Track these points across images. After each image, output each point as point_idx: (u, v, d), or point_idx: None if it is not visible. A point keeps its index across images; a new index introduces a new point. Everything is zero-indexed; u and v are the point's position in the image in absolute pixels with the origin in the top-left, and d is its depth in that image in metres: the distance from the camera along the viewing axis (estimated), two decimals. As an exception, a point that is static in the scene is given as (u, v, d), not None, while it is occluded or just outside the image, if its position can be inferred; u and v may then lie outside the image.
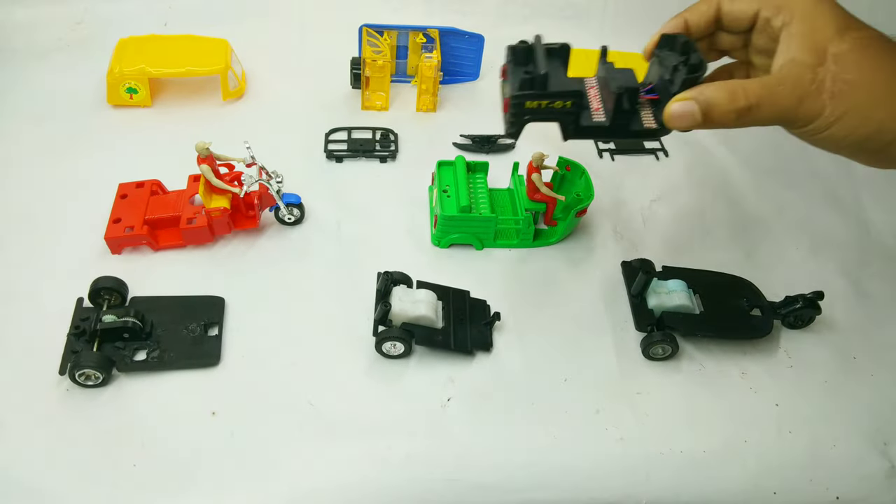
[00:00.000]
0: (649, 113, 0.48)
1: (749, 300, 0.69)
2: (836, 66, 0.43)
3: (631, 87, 0.46)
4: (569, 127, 0.48)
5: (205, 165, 0.68)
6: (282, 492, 0.55)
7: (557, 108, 0.47)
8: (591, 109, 0.49)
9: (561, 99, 0.46)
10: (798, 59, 0.44)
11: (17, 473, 0.55)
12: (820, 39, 0.44)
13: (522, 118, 0.47)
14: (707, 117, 0.44)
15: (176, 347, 0.63)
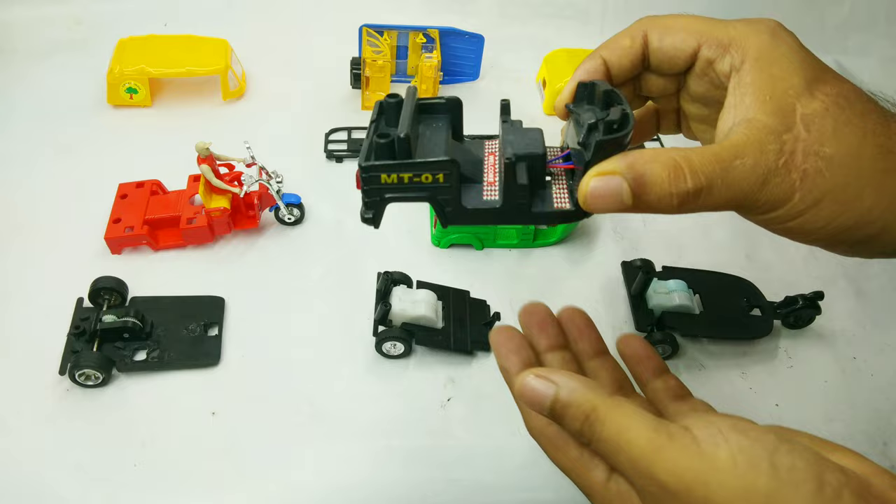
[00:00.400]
0: (563, 188, 0.35)
1: (749, 300, 0.69)
2: (807, 133, 0.31)
3: (532, 153, 0.33)
4: (446, 209, 0.34)
5: (205, 165, 0.68)
6: (281, 492, 0.55)
7: (427, 184, 0.33)
8: (484, 184, 0.35)
9: (429, 171, 0.33)
10: (757, 121, 0.31)
11: (17, 473, 0.55)
12: (783, 94, 0.32)
13: (380, 198, 0.34)
14: (639, 199, 0.30)
15: (176, 347, 0.63)
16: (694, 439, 0.27)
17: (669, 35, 0.36)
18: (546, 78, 0.93)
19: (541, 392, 0.31)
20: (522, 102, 0.94)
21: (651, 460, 0.28)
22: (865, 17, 1.07)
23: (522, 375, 0.32)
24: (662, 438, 0.28)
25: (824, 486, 0.26)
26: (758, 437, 0.27)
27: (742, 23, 0.35)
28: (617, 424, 0.29)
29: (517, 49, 0.99)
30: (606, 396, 0.30)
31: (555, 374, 0.31)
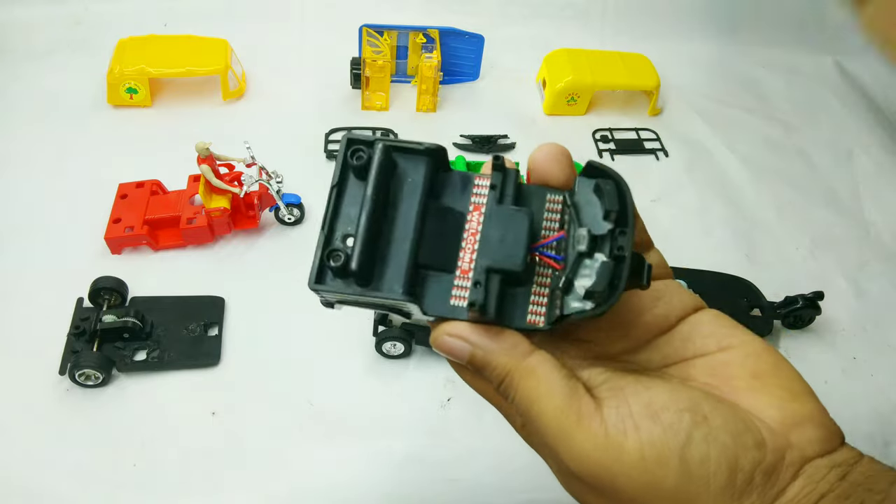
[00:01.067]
0: (543, 290, 0.29)
1: (749, 300, 0.69)
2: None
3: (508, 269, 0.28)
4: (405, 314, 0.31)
5: (205, 165, 0.68)
6: (281, 492, 0.55)
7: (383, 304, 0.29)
8: (457, 273, 0.29)
9: (387, 303, 0.29)
10: None
11: (17, 473, 0.55)
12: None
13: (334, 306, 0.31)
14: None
15: (176, 347, 0.63)
16: (603, 424, 0.26)
17: None
18: (546, 78, 0.93)
19: (457, 352, 0.29)
20: (523, 102, 0.94)
21: (557, 441, 0.26)
22: (865, 17, 1.07)
23: (438, 331, 0.29)
24: (570, 420, 0.26)
25: (736, 474, 0.25)
26: (671, 423, 0.25)
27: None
28: (528, 393, 0.27)
29: (517, 49, 0.99)
30: (521, 359, 0.28)
31: (470, 332, 0.28)
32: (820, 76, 1.06)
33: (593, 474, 0.25)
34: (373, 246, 0.29)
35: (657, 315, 0.31)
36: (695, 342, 0.30)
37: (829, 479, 0.26)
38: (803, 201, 0.84)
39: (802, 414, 0.27)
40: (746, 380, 0.28)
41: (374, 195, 0.29)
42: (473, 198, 0.31)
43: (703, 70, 1.04)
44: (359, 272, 0.28)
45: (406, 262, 0.29)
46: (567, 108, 0.92)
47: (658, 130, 0.92)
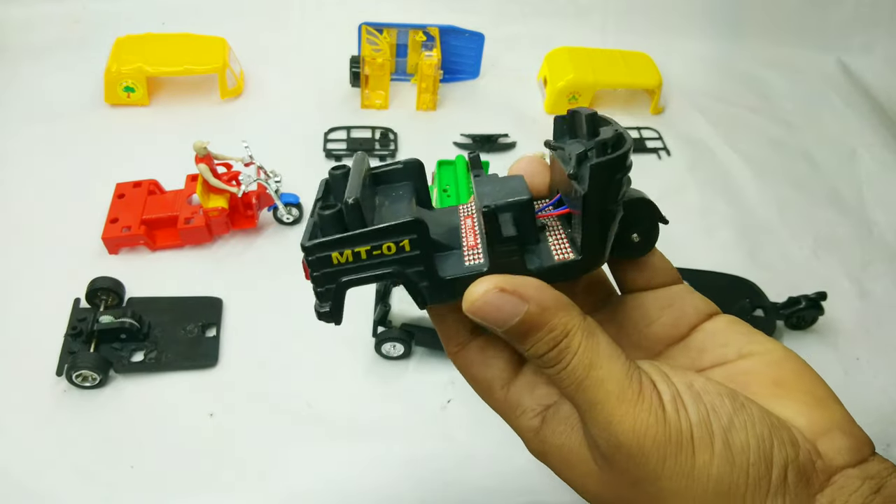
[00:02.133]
0: (561, 237, 0.28)
1: (751, 301, 0.68)
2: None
3: (515, 200, 0.26)
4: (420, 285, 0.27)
5: (203, 165, 0.67)
6: (279, 493, 0.55)
7: (391, 256, 0.26)
8: (464, 248, 0.28)
9: (390, 239, 0.25)
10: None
11: (15, 474, 0.54)
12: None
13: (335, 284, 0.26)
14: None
15: (173, 348, 0.62)
16: (661, 402, 0.24)
17: None
18: (547, 76, 0.92)
19: (507, 309, 0.25)
20: (523, 101, 0.93)
21: (614, 412, 0.24)
22: (869, 15, 1.07)
23: (484, 285, 0.25)
24: (633, 391, 0.24)
25: (771, 468, 0.24)
26: (713, 405, 0.24)
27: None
28: (589, 358, 0.25)
29: (518, 47, 0.99)
30: (582, 320, 0.25)
31: (527, 287, 0.25)
32: (823, 75, 1.06)
33: (645, 453, 0.24)
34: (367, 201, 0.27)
35: (668, 324, 0.29)
36: (712, 351, 0.28)
37: (862, 491, 0.24)
38: (806, 201, 0.84)
39: (830, 422, 0.26)
40: (769, 387, 0.27)
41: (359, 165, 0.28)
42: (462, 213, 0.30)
43: (706, 69, 1.04)
44: (355, 207, 0.25)
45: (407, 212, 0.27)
46: (568, 106, 0.91)
47: (660, 129, 0.91)
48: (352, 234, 0.25)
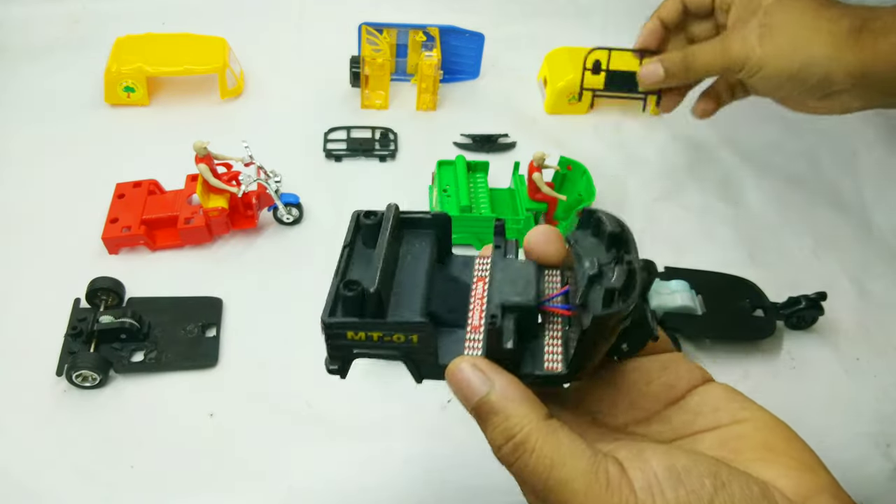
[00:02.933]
0: (557, 340, 0.30)
1: (752, 301, 0.68)
2: (764, 16, 0.53)
3: (521, 304, 0.28)
4: (420, 367, 0.30)
5: (203, 165, 0.67)
6: (280, 493, 0.55)
7: (399, 344, 0.29)
8: (468, 328, 0.30)
9: (401, 332, 0.28)
10: (737, 18, 0.56)
11: (15, 474, 0.54)
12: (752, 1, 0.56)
13: (347, 353, 0.31)
14: (667, 72, 0.59)
15: (173, 348, 0.62)
16: (631, 490, 0.25)
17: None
18: (547, 76, 0.92)
19: (474, 387, 0.27)
20: (523, 101, 0.93)
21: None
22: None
23: (459, 360, 0.28)
24: (600, 485, 0.25)
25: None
26: (693, 488, 0.24)
27: None
28: (550, 457, 0.25)
29: (518, 47, 0.99)
30: (542, 420, 0.26)
31: (495, 372, 0.27)
32: (822, 74, 1.05)
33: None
34: (387, 287, 0.29)
35: (664, 384, 0.30)
36: (706, 415, 0.29)
37: None
38: (806, 201, 0.84)
39: (818, 485, 0.26)
40: (759, 451, 0.27)
41: (389, 238, 0.30)
42: (476, 271, 0.32)
43: (705, 68, 1.03)
44: (375, 295, 0.27)
45: (420, 301, 0.29)
46: (568, 106, 0.91)
47: (659, 129, 0.91)
48: (368, 321, 0.28)
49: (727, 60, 0.56)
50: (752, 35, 0.54)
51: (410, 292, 0.30)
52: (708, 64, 0.57)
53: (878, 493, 0.60)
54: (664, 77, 0.59)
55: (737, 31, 0.55)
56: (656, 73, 0.59)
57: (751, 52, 0.54)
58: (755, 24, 0.54)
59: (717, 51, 0.56)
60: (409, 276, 0.31)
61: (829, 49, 0.52)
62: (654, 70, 0.59)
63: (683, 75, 0.59)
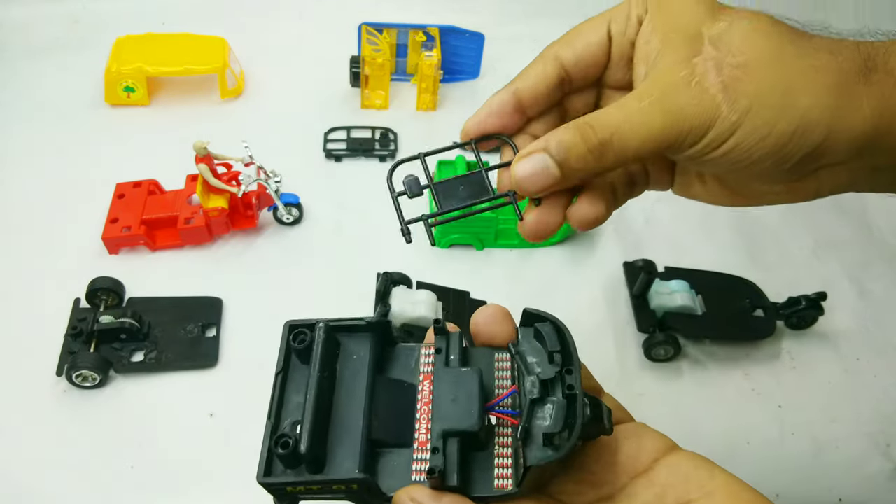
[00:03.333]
0: (507, 445, 0.29)
1: (752, 301, 0.68)
2: (717, 50, 0.29)
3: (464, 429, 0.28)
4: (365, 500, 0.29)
5: (203, 165, 0.67)
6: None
7: (340, 491, 0.29)
8: (415, 446, 0.29)
9: (340, 484, 0.28)
10: (662, 60, 0.30)
11: (15, 474, 0.54)
12: (687, 25, 0.30)
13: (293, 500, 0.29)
14: (564, 167, 0.30)
15: (173, 348, 0.62)
16: None
17: (579, 38, 0.35)
18: (547, 76, 0.92)
19: (538, 164, 0.29)
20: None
21: None
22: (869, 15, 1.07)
23: (401, 494, 0.27)
24: None
25: None
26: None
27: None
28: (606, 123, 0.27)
29: (518, 47, 0.98)
30: None
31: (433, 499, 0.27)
32: (822, 75, 1.05)
33: None
34: (322, 427, 0.29)
35: (630, 454, 0.30)
36: (676, 487, 0.28)
37: None
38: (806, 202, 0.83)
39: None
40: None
41: (318, 376, 0.29)
42: (422, 367, 0.31)
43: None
44: (308, 454, 0.27)
45: (360, 440, 0.28)
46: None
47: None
48: (305, 479, 0.27)
49: (676, 129, 0.29)
50: (710, 83, 0.29)
51: (350, 426, 0.29)
52: (644, 139, 0.29)
53: (879, 493, 0.60)
54: (560, 175, 0.30)
55: (680, 82, 0.29)
56: (545, 170, 0.30)
57: (715, 110, 0.29)
58: (711, 66, 0.29)
59: (654, 116, 0.29)
60: (347, 400, 0.30)
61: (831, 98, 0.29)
62: (540, 166, 0.30)
63: (596, 164, 0.30)
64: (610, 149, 0.30)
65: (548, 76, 0.34)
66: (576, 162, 0.30)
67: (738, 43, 0.29)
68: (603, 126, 0.30)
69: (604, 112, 0.30)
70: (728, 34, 0.30)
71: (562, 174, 0.30)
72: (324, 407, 0.29)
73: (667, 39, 0.30)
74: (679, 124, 0.29)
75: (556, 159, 0.30)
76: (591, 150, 0.30)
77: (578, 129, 0.30)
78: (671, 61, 0.30)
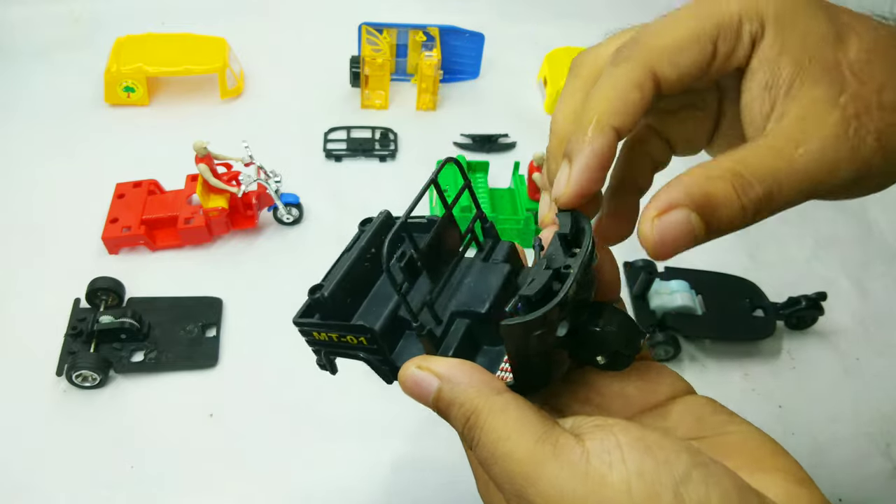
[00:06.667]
0: None
1: (752, 301, 0.68)
2: (862, 84, 0.26)
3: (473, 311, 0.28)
4: (382, 368, 0.31)
5: (203, 165, 0.67)
6: (279, 493, 0.55)
7: (355, 346, 0.30)
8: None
9: (350, 334, 0.29)
10: (805, 95, 0.26)
11: (15, 474, 0.54)
12: (820, 49, 0.26)
13: (326, 351, 0.32)
14: (711, 226, 0.25)
15: (173, 348, 0.62)
16: (584, 454, 0.22)
17: (681, 56, 0.27)
18: (547, 76, 0.92)
19: (424, 386, 0.27)
20: (524, 101, 0.93)
21: (526, 476, 0.22)
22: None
23: (406, 366, 0.27)
24: (545, 451, 0.23)
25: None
26: (667, 458, 0.22)
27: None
28: (497, 432, 0.24)
29: (518, 47, 0.99)
30: (493, 395, 0.25)
31: (441, 364, 0.26)
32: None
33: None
34: (353, 289, 0.31)
35: (643, 389, 0.29)
36: (688, 424, 0.27)
37: None
38: (806, 201, 0.84)
39: (810, 500, 0.24)
40: (748, 462, 0.25)
41: (364, 246, 0.32)
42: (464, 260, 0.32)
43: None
44: (329, 299, 0.30)
45: (386, 312, 0.30)
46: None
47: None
48: (321, 322, 0.30)
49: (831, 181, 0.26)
50: (867, 132, 0.25)
51: (383, 302, 0.30)
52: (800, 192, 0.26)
53: (878, 493, 0.60)
54: (703, 238, 0.25)
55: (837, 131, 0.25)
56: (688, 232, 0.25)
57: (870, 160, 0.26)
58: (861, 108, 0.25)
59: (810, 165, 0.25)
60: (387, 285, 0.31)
61: None
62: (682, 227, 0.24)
63: (746, 223, 0.26)
64: (770, 205, 0.25)
65: (646, 104, 0.27)
66: (725, 222, 0.25)
67: (882, 77, 0.26)
68: (762, 178, 0.25)
69: (754, 157, 0.25)
70: (869, 65, 0.26)
71: (705, 236, 0.25)
72: (359, 274, 0.31)
73: (801, 68, 0.26)
74: (834, 176, 0.25)
75: (702, 217, 0.24)
76: (746, 206, 0.25)
77: (730, 179, 0.24)
78: (815, 98, 0.25)
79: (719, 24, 0.27)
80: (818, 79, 0.26)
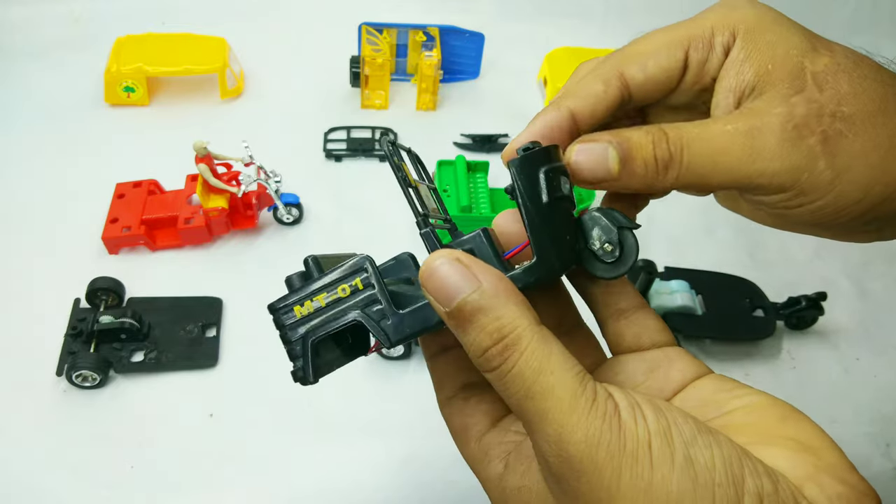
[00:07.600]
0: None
1: (752, 301, 0.68)
2: (822, 92, 0.27)
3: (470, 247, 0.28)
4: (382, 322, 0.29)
5: (203, 165, 0.67)
6: (280, 493, 0.55)
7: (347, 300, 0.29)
8: None
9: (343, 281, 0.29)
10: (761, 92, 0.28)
11: (15, 474, 0.54)
12: (786, 56, 0.28)
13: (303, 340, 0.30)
14: (625, 166, 0.28)
15: (173, 348, 0.62)
16: (616, 410, 0.22)
17: (651, 60, 0.30)
18: (548, 76, 0.92)
19: (453, 282, 0.24)
20: (524, 101, 0.93)
21: (565, 422, 0.22)
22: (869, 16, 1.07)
23: (438, 253, 0.24)
24: (585, 399, 0.22)
25: (743, 496, 0.21)
26: (675, 419, 0.22)
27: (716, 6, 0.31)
28: (539, 362, 0.23)
29: (518, 47, 0.99)
30: (535, 324, 0.24)
31: (483, 270, 0.24)
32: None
33: (599, 467, 0.22)
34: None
35: (653, 388, 0.28)
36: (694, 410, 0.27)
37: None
38: (806, 201, 0.84)
39: (815, 467, 0.24)
40: (752, 436, 0.25)
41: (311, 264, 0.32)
42: None
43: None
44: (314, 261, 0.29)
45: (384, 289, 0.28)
46: (568, 106, 0.91)
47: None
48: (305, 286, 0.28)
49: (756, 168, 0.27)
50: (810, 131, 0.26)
51: None
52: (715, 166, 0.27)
53: (879, 493, 0.60)
54: (615, 173, 0.28)
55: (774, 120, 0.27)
56: (603, 162, 0.28)
57: (810, 162, 0.26)
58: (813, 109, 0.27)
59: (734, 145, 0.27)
60: None
61: None
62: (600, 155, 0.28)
63: (655, 176, 0.28)
64: (676, 164, 0.28)
65: (609, 97, 0.30)
66: (638, 166, 0.28)
67: (845, 89, 0.27)
68: (677, 137, 0.28)
69: (681, 125, 0.28)
70: (835, 77, 0.27)
71: (618, 173, 0.28)
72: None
73: (764, 71, 0.28)
74: (761, 164, 0.27)
75: (619, 155, 0.28)
76: (658, 157, 0.28)
77: (651, 133, 0.28)
78: (768, 95, 0.27)
79: (690, 35, 0.30)
80: (777, 81, 0.28)
